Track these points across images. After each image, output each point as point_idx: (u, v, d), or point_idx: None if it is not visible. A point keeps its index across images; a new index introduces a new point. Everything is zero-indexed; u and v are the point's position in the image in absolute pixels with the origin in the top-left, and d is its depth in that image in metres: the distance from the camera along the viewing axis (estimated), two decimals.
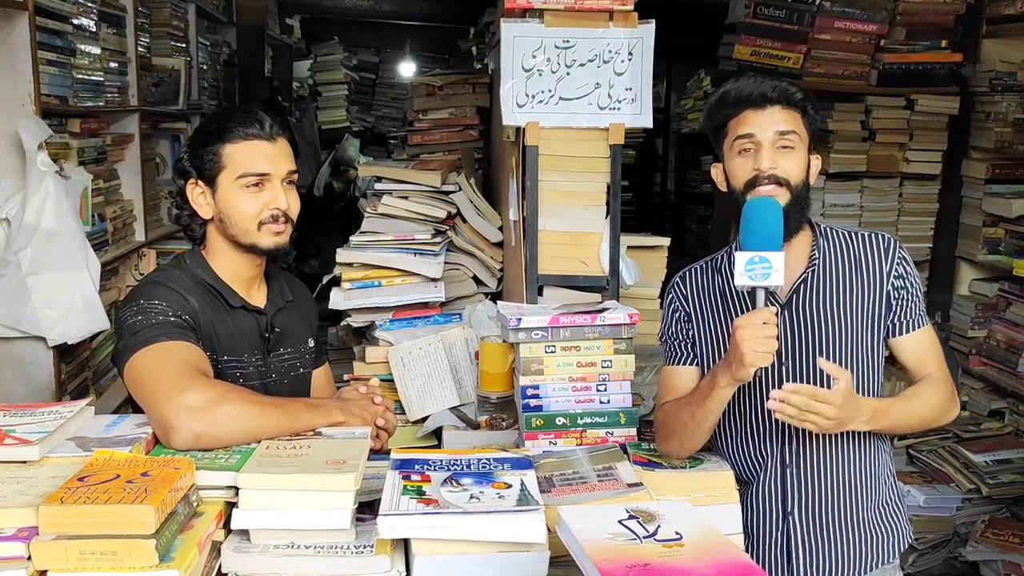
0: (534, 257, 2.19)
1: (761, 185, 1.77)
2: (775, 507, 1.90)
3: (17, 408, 1.60)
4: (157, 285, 1.77)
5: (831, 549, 1.88)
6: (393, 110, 7.35)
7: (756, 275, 1.66)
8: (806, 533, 1.88)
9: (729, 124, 1.81)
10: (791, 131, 1.77)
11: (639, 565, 1.15)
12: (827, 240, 1.87)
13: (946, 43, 3.84)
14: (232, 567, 1.34)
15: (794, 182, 1.78)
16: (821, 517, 1.88)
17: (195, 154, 1.81)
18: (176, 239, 3.80)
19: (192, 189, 1.81)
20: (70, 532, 1.19)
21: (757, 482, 1.90)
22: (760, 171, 1.77)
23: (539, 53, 2.13)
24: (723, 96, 1.83)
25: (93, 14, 3.05)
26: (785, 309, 1.84)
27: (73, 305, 2.58)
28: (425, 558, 1.33)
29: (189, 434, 1.51)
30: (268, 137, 1.80)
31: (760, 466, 1.90)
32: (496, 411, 2.17)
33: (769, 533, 1.91)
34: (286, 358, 1.93)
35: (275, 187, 1.80)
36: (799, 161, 1.79)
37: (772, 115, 1.78)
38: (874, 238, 1.87)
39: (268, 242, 1.81)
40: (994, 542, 3.38)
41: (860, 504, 1.88)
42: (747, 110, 1.80)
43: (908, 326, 1.85)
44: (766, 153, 1.78)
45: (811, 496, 1.87)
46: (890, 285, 1.84)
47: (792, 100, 1.79)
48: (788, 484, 1.88)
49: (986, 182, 3.71)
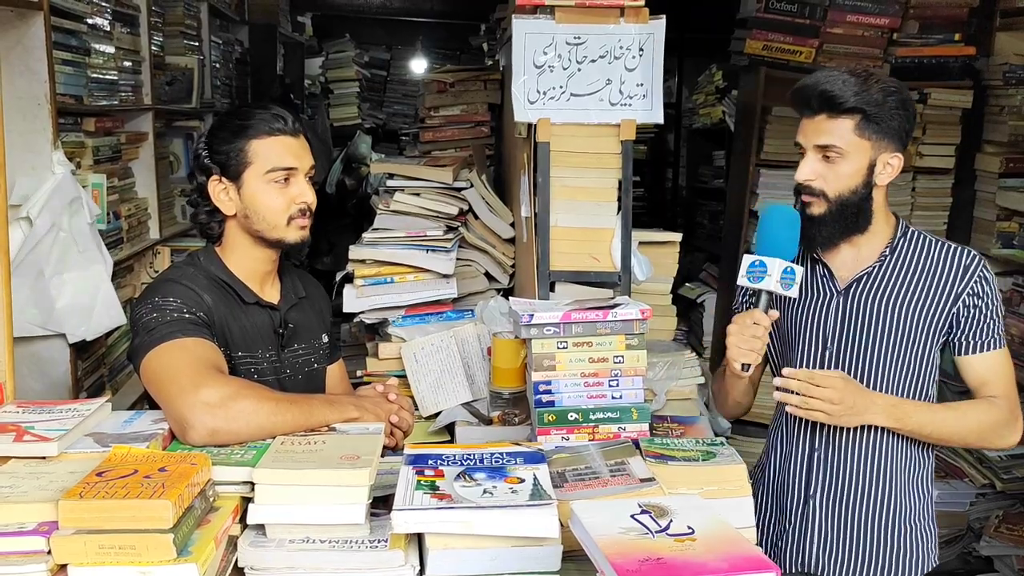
0: (546, 253, 2.20)
1: (802, 194, 1.83)
2: (798, 488, 1.91)
3: (36, 405, 1.62)
4: (171, 282, 1.78)
5: (848, 545, 1.88)
6: (405, 107, 7.35)
7: (753, 277, 1.77)
8: (824, 522, 1.88)
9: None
10: (831, 145, 1.77)
11: (651, 559, 1.16)
12: (907, 241, 1.87)
13: (959, 36, 3.81)
14: (248, 561, 1.36)
15: (833, 193, 1.79)
16: (842, 510, 1.88)
17: (218, 151, 1.81)
18: (190, 236, 3.83)
19: (215, 186, 1.82)
20: (89, 527, 1.21)
21: (785, 458, 1.92)
22: (799, 181, 1.82)
23: (550, 49, 2.14)
24: (790, 96, 1.84)
25: (107, 13, 3.07)
26: (841, 296, 1.87)
27: (92, 302, 2.61)
28: (439, 552, 1.34)
29: (205, 430, 1.52)
30: (292, 132, 1.82)
31: (790, 443, 1.92)
32: (508, 407, 2.17)
33: (789, 513, 1.92)
34: (300, 354, 1.94)
35: (301, 181, 1.82)
36: (842, 172, 1.78)
37: (817, 125, 1.79)
38: (958, 252, 1.85)
39: (295, 236, 1.83)
40: (1008, 537, 3.37)
41: (886, 509, 1.87)
42: (803, 115, 1.83)
43: (976, 346, 1.82)
44: (805, 165, 1.81)
45: (835, 485, 1.88)
46: (961, 303, 1.82)
47: (839, 108, 1.76)
48: (814, 468, 1.89)
49: (1000, 176, 3.68)
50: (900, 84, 1.82)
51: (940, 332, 1.84)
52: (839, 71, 1.81)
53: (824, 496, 1.89)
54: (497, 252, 2.87)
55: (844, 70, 1.81)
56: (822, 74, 1.81)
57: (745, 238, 4.04)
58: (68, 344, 2.59)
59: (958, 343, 1.84)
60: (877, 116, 1.77)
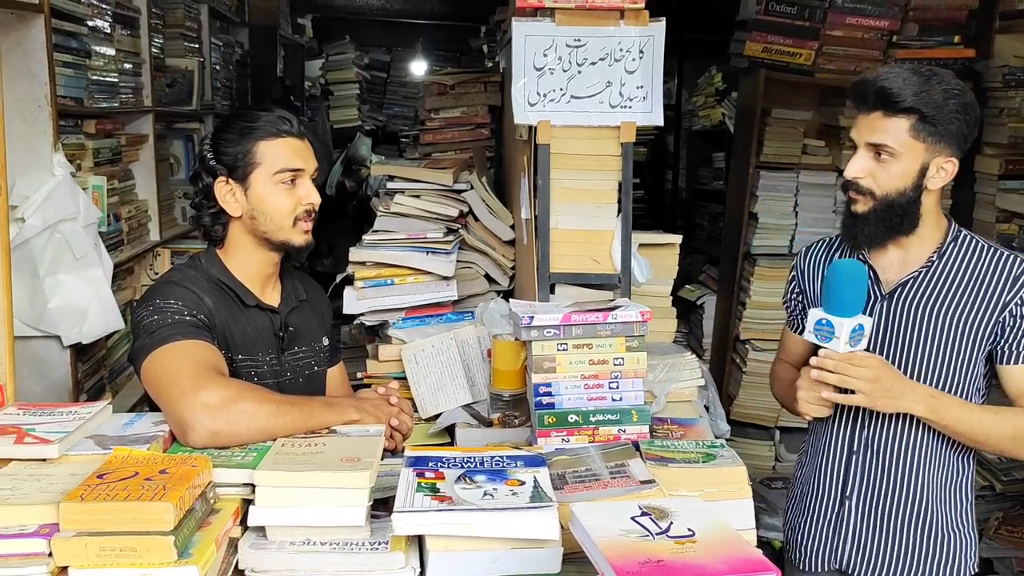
0: (546, 255, 2.20)
1: (849, 190, 1.81)
2: (834, 488, 1.91)
3: (36, 407, 1.62)
4: (173, 285, 1.78)
5: (883, 548, 1.87)
6: (405, 109, 7.35)
7: (821, 336, 1.74)
8: (860, 523, 1.88)
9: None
10: (883, 144, 1.74)
11: (652, 561, 1.16)
12: (957, 246, 1.84)
13: (958, 38, 3.82)
14: (249, 563, 1.36)
15: (881, 192, 1.76)
16: (878, 513, 1.87)
17: (224, 152, 1.81)
18: (191, 238, 3.83)
19: (221, 187, 1.82)
20: (90, 529, 1.21)
21: (823, 458, 1.92)
22: (847, 177, 1.80)
23: (550, 52, 2.14)
24: (849, 90, 1.81)
25: (107, 16, 3.07)
26: (885, 300, 1.85)
27: (89, 305, 2.60)
28: (439, 554, 1.34)
29: (205, 432, 1.52)
30: (298, 134, 1.84)
31: (828, 443, 1.92)
32: (509, 408, 2.17)
33: (825, 511, 1.93)
34: (300, 357, 1.95)
35: (307, 183, 1.84)
36: (892, 172, 1.75)
37: (872, 122, 1.75)
38: (1009, 260, 1.81)
39: (300, 239, 1.85)
40: (1008, 539, 3.37)
41: (922, 513, 1.86)
42: (859, 110, 1.79)
43: (1018, 356, 1.79)
44: (855, 161, 1.78)
45: (872, 488, 1.88)
46: (1008, 312, 1.78)
47: (895, 106, 1.72)
48: (852, 470, 1.89)
49: (999, 178, 3.68)
50: (964, 87, 1.77)
51: (985, 340, 1.80)
52: (902, 67, 1.76)
53: (860, 498, 1.88)
54: (497, 254, 2.87)
55: (908, 67, 1.76)
56: (884, 69, 1.76)
57: (744, 240, 4.05)
58: (66, 346, 2.59)
59: (1000, 351, 1.80)
60: (935, 118, 1.72)
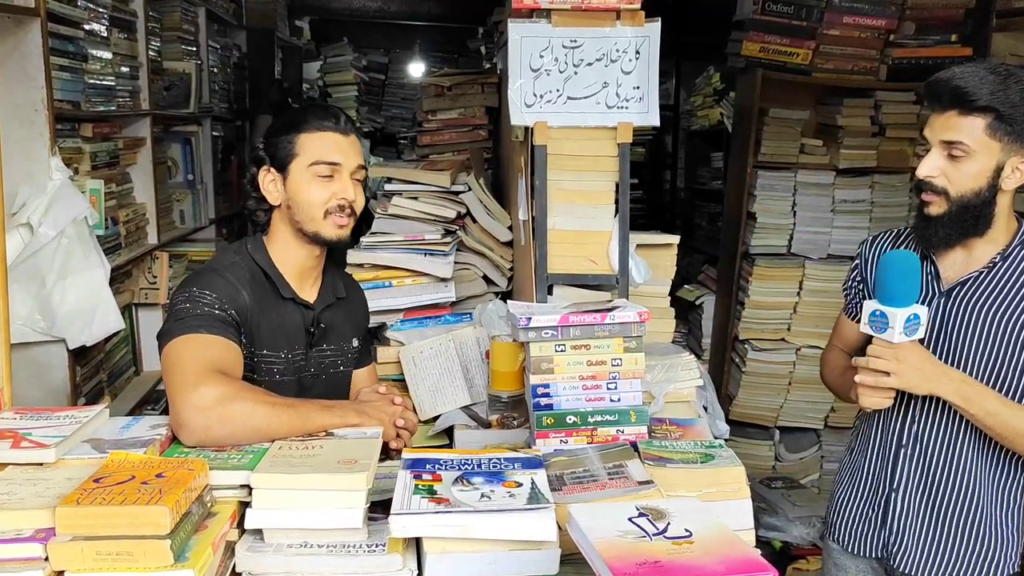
0: (543, 256, 2.20)
1: (921, 192, 1.79)
2: (881, 480, 1.92)
3: (33, 411, 1.62)
4: (215, 274, 1.81)
5: (927, 541, 1.88)
6: (403, 110, 7.35)
7: (876, 327, 1.74)
8: (906, 515, 1.89)
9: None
10: (958, 141, 1.71)
11: (649, 562, 1.16)
12: (1022, 249, 1.81)
13: (956, 37, 3.82)
14: (246, 566, 1.36)
15: (955, 192, 1.74)
16: (924, 507, 1.88)
17: (270, 143, 1.89)
18: (189, 242, 3.83)
19: (264, 176, 1.88)
20: (86, 533, 1.21)
21: (872, 448, 1.93)
22: (920, 177, 1.78)
23: (547, 53, 2.14)
24: (923, 88, 1.79)
25: (104, 19, 3.07)
26: (943, 297, 1.84)
27: (93, 308, 2.62)
28: (437, 556, 1.34)
29: (197, 429, 1.54)
30: (342, 131, 1.88)
31: (878, 435, 1.93)
32: (507, 410, 2.17)
33: (871, 499, 1.94)
34: (328, 354, 1.96)
35: (344, 178, 1.86)
36: (967, 171, 1.73)
37: (946, 120, 1.73)
38: None
39: (331, 232, 1.87)
40: None
41: (968, 511, 1.85)
42: (932, 109, 1.77)
43: None
44: (928, 160, 1.76)
45: (920, 483, 1.88)
46: None
47: (971, 105, 1.69)
48: (900, 463, 1.89)
49: None
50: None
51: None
52: (977, 66, 1.73)
53: (906, 491, 1.89)
54: (495, 255, 2.87)
55: (985, 66, 1.74)
56: (959, 68, 1.74)
57: (743, 240, 4.04)
58: (67, 350, 2.59)
59: None
60: (1012, 117, 1.69)
